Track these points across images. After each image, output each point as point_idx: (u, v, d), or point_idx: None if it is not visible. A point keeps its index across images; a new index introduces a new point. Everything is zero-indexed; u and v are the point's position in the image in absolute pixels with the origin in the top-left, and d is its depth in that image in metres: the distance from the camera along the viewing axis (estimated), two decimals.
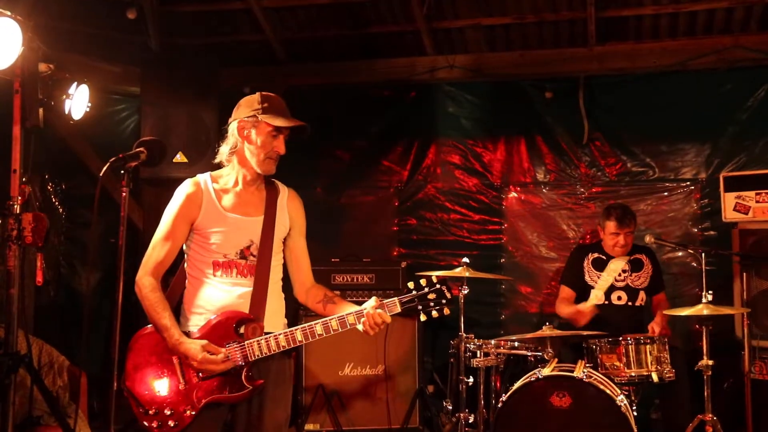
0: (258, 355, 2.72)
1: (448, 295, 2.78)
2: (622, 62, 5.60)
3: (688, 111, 5.56)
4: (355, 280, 5.36)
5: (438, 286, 2.77)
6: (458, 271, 4.42)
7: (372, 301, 2.76)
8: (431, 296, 2.76)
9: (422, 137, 6.10)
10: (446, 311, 2.79)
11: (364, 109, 6.21)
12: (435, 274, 2.87)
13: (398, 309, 2.77)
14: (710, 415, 4.09)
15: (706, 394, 4.13)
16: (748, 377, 4.68)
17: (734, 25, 5.36)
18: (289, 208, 2.98)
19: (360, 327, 2.74)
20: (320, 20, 5.85)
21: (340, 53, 6.10)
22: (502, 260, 5.83)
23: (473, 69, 5.80)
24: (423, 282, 2.78)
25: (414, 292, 2.77)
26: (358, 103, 6.21)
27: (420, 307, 2.77)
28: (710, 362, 4.13)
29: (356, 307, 2.79)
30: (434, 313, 2.77)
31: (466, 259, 4.46)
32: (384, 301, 2.76)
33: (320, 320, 2.75)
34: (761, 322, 4.73)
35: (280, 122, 2.82)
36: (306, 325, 2.74)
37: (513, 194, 5.90)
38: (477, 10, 5.58)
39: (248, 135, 2.85)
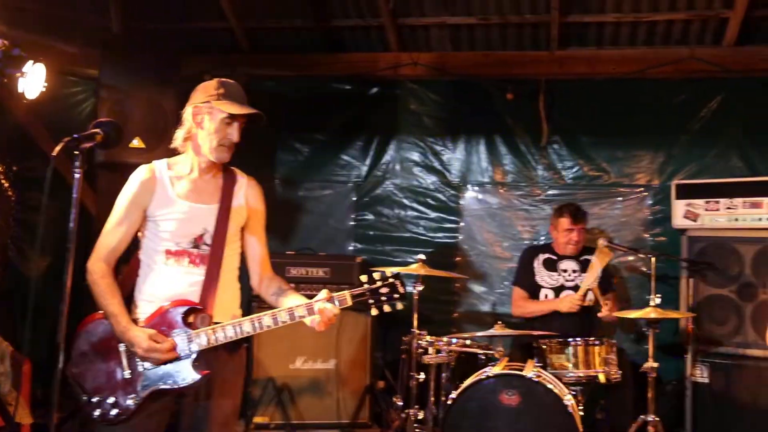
0: (205, 345, 2.68)
1: (401, 290, 2.77)
2: (582, 67, 5.68)
3: (645, 118, 5.66)
4: (309, 274, 5.33)
5: (391, 280, 2.76)
6: (414, 268, 4.44)
7: (323, 294, 2.75)
8: (383, 290, 2.75)
9: (383, 133, 6.10)
10: (399, 306, 2.77)
11: (326, 102, 6.19)
12: (396, 272, 2.85)
13: (349, 302, 2.74)
14: (653, 416, 4.18)
15: (649, 395, 4.21)
16: (690, 380, 4.78)
17: (691, 37, 5.47)
18: (248, 197, 2.95)
19: (308, 320, 2.72)
20: (285, 11, 5.81)
21: (304, 45, 6.08)
22: (457, 258, 5.86)
23: (437, 67, 5.83)
24: (376, 276, 2.77)
25: (366, 286, 2.76)
26: (319, 97, 6.19)
27: (372, 301, 2.75)
28: (655, 364, 4.22)
29: (307, 300, 2.77)
30: (386, 308, 2.75)
31: (422, 256, 4.48)
32: (335, 294, 2.75)
33: (269, 311, 2.73)
34: (705, 326, 4.84)
35: (233, 109, 2.79)
36: (255, 316, 2.71)
37: (470, 193, 5.93)
38: (442, 9, 5.61)
39: (202, 121, 2.82)
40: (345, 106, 6.17)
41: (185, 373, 2.68)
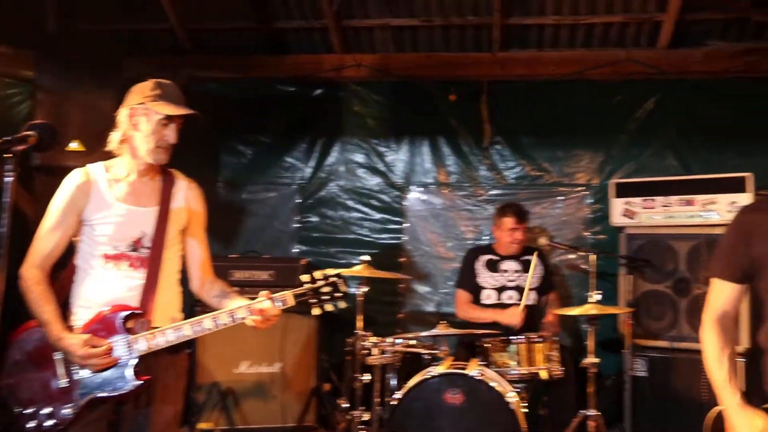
0: (145, 351, 2.65)
1: (343, 289, 2.77)
2: (523, 69, 5.77)
3: (584, 119, 5.77)
4: (254, 277, 5.29)
5: (332, 279, 2.76)
6: (357, 270, 4.44)
7: (263, 295, 2.74)
8: (325, 290, 2.75)
9: (327, 135, 6.09)
10: (341, 305, 2.78)
11: (269, 104, 6.16)
12: (338, 272, 2.85)
13: (291, 302, 2.74)
14: (593, 411, 4.27)
15: (590, 390, 4.30)
16: (629, 374, 4.89)
17: (627, 39, 5.61)
18: (188, 200, 2.91)
19: (250, 321, 2.70)
20: (228, 12, 5.77)
21: (248, 47, 6.05)
22: (402, 259, 5.88)
23: (380, 69, 5.85)
24: (318, 275, 2.77)
25: (308, 286, 2.76)
26: (263, 98, 6.16)
27: (314, 301, 2.74)
28: (595, 360, 4.32)
29: (248, 302, 2.76)
30: (328, 307, 2.75)
31: (366, 257, 4.49)
32: (276, 295, 2.74)
33: (210, 314, 2.70)
34: (643, 321, 4.95)
35: (170, 110, 2.76)
36: (195, 319, 2.68)
37: (414, 194, 5.97)
38: (386, 10, 5.63)
39: (138, 123, 2.78)
40: (289, 108, 6.14)
41: (124, 380, 2.63)
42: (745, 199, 4.62)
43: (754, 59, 5.28)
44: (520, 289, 4.93)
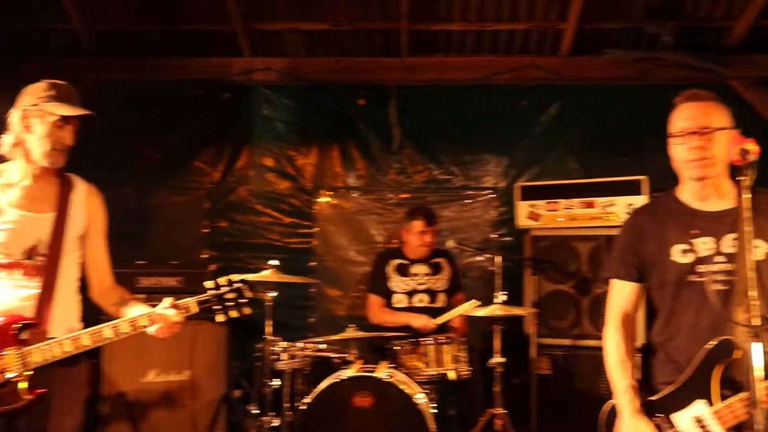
0: (40, 362, 2.55)
1: (249, 295, 2.74)
2: (431, 74, 5.85)
3: (491, 124, 5.89)
4: (161, 284, 5.17)
5: (237, 285, 2.73)
6: (266, 275, 4.40)
7: (166, 302, 2.68)
8: (230, 295, 2.71)
9: (236, 139, 6.04)
10: (246, 311, 2.74)
11: (177, 107, 6.06)
12: (243, 277, 2.82)
13: (194, 309, 2.69)
14: (500, 409, 4.37)
15: (496, 389, 4.40)
16: (534, 372, 5.02)
17: (531, 46, 5.78)
18: (87, 205, 2.82)
19: (152, 329, 2.65)
20: (133, 13, 5.63)
21: (155, 49, 5.91)
22: (313, 264, 5.89)
23: (289, 72, 5.83)
24: (222, 281, 2.74)
25: (212, 292, 2.72)
26: (170, 102, 6.05)
27: (218, 307, 2.71)
28: (502, 359, 4.41)
29: (150, 310, 2.70)
30: (233, 313, 2.72)
31: (274, 262, 4.46)
32: (179, 302, 2.69)
33: (110, 323, 2.63)
34: (547, 321, 5.10)
35: (65, 111, 2.67)
36: (94, 328, 2.60)
37: (324, 198, 5.98)
38: (295, 14, 5.61)
39: (31, 125, 2.68)
40: (197, 112, 6.05)
41: (18, 394, 2.53)
42: (641, 201, 4.82)
43: (648, 68, 5.53)
44: (430, 292, 5.00)
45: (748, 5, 5.18)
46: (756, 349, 2.05)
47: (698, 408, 2.37)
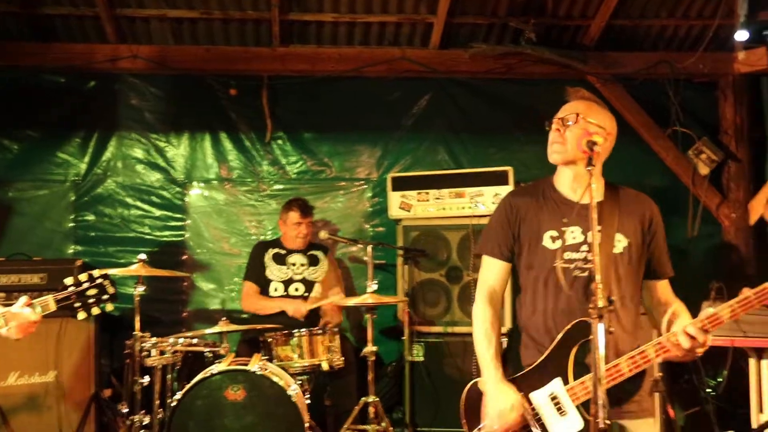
0: None
1: (111, 290, 2.69)
2: (304, 65, 5.83)
3: (363, 115, 5.96)
4: (23, 281, 4.95)
5: (99, 281, 2.68)
6: (134, 269, 4.30)
7: (21, 301, 2.58)
8: (91, 292, 2.66)
9: (102, 129, 5.82)
10: (109, 307, 2.71)
11: (38, 95, 5.78)
12: (105, 272, 2.75)
13: (53, 307, 2.62)
14: (373, 397, 4.45)
15: (369, 377, 4.48)
16: (407, 360, 5.14)
17: (402, 38, 5.86)
18: None
19: (5, 330, 2.54)
20: None
21: (10, 32, 5.59)
22: (185, 257, 5.76)
23: (157, 61, 5.67)
24: (83, 277, 2.67)
25: (72, 289, 2.64)
26: (30, 89, 5.77)
27: (78, 304, 2.65)
28: (374, 348, 4.50)
29: (3, 309, 2.59)
30: (95, 309, 2.67)
31: (142, 256, 4.36)
32: (36, 300, 2.60)
33: None
34: (420, 309, 5.23)
35: None
36: None
37: (196, 190, 5.86)
38: (162, 1, 5.45)
39: None
40: (60, 100, 5.80)
41: None
42: (508, 190, 5.01)
43: (513, 62, 5.72)
44: (306, 282, 5.05)
45: (603, 5, 5.47)
46: (600, 329, 2.19)
47: (554, 385, 2.51)
